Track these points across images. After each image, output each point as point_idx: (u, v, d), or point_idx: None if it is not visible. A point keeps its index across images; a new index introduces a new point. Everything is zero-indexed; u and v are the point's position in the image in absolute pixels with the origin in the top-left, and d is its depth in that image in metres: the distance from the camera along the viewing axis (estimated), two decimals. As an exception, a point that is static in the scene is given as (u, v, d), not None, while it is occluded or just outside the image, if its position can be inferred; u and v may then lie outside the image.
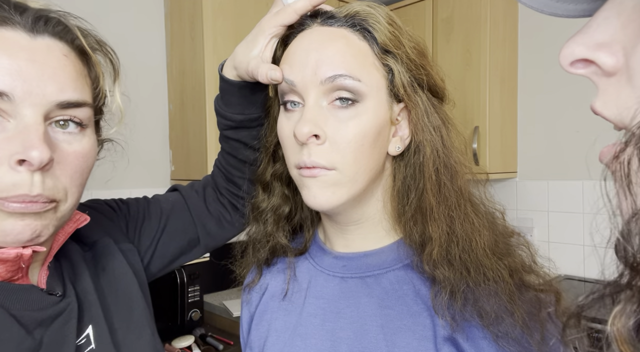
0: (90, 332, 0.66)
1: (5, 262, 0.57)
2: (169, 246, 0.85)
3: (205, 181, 0.92)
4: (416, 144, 0.62)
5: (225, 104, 0.78)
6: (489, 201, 0.65)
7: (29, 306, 0.59)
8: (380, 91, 0.60)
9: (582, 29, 0.30)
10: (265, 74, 0.62)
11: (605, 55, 0.28)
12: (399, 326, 0.61)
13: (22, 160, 0.52)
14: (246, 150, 0.81)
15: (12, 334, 0.56)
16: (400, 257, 0.65)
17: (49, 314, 0.61)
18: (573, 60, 0.30)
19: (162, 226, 0.85)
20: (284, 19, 0.64)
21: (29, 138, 0.53)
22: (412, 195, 0.62)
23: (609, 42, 0.28)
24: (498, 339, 0.56)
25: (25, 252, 0.57)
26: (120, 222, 0.81)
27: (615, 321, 0.25)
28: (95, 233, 0.75)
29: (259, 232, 0.75)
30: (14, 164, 0.52)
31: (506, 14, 2.49)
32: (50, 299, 0.62)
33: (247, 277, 0.80)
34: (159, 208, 0.86)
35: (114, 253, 0.75)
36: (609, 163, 0.29)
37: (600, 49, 0.28)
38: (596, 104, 0.30)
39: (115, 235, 0.78)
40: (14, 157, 0.52)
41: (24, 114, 0.54)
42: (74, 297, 0.65)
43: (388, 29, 0.60)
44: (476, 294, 0.58)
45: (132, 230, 0.82)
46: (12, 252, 0.56)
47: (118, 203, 0.84)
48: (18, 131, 0.53)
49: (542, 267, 0.63)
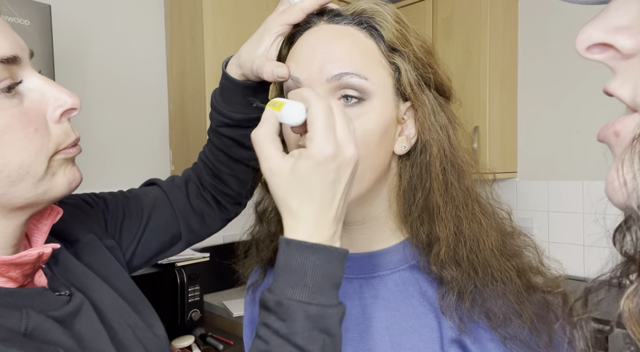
0: (113, 324, 0.65)
1: (24, 266, 0.56)
2: (150, 243, 0.83)
3: (187, 176, 0.90)
4: (423, 143, 0.61)
5: (225, 102, 0.76)
6: (495, 201, 0.65)
7: (49, 307, 0.59)
8: (386, 90, 0.59)
9: (599, 14, 0.29)
10: (271, 72, 0.62)
11: (624, 38, 0.28)
12: (404, 328, 0.61)
13: (64, 112, 0.58)
14: (239, 149, 0.80)
15: (58, 337, 0.56)
16: (406, 257, 0.65)
17: (68, 312, 0.60)
18: (590, 45, 0.29)
19: (143, 223, 0.82)
20: (290, 17, 0.63)
21: (57, 91, 0.58)
22: (419, 195, 0.62)
23: (628, 25, 0.28)
24: (506, 341, 0.56)
25: (46, 250, 0.57)
26: (98, 218, 0.78)
27: (628, 301, 0.26)
28: (76, 230, 0.73)
29: (263, 231, 0.74)
30: (58, 118, 0.58)
31: (506, 14, 2.49)
32: (62, 299, 0.61)
33: (251, 277, 0.79)
34: (139, 204, 0.84)
35: (101, 249, 0.74)
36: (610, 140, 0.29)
37: (618, 32, 0.28)
38: (612, 84, 0.29)
39: (97, 231, 0.76)
40: (57, 111, 0.57)
41: None
42: (80, 294, 0.64)
43: (395, 27, 0.59)
44: (484, 295, 0.57)
45: (111, 226, 0.80)
46: (34, 253, 0.56)
47: (93, 198, 0.81)
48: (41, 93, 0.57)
49: (549, 269, 0.63)
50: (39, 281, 0.62)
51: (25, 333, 0.53)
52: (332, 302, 0.50)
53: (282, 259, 0.51)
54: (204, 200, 0.87)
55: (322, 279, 0.50)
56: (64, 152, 0.59)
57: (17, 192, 0.54)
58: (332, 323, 0.49)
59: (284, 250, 0.51)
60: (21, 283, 0.58)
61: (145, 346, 0.68)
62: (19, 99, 0.55)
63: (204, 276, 2.02)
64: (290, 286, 0.49)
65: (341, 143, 0.50)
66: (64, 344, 0.56)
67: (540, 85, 2.51)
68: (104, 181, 2.03)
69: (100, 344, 0.61)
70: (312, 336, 0.48)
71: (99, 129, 2.07)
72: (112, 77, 2.12)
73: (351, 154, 0.50)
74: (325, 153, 0.48)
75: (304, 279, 0.49)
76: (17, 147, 0.53)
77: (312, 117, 0.50)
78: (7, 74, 0.52)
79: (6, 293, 0.55)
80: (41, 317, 0.56)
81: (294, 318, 0.48)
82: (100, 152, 2.07)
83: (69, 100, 0.58)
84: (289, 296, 0.49)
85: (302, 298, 0.49)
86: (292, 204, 0.51)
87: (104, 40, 2.09)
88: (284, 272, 0.50)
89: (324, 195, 0.50)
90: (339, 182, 0.50)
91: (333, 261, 0.51)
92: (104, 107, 2.09)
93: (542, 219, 2.53)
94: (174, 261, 1.94)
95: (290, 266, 0.50)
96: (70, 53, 1.98)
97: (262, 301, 0.51)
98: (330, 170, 0.49)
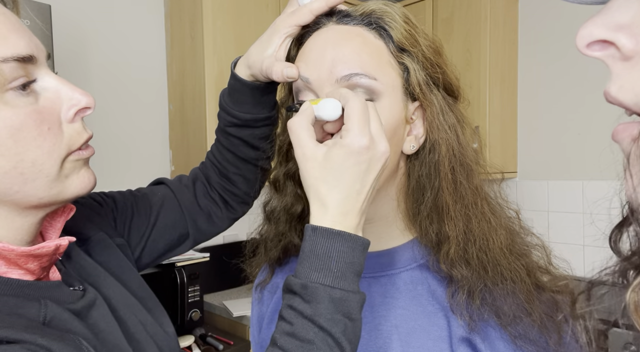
0: (125, 319, 0.66)
1: (41, 258, 0.57)
2: (158, 241, 0.84)
3: (195, 175, 0.90)
4: (431, 142, 0.62)
5: (234, 102, 0.77)
6: (503, 200, 0.65)
7: (66, 300, 0.60)
8: (395, 90, 0.59)
9: (601, 11, 0.29)
10: (280, 72, 0.62)
11: (626, 37, 0.28)
12: (413, 327, 0.61)
13: (78, 111, 0.59)
14: (246, 149, 0.80)
15: (76, 327, 0.57)
16: (415, 256, 0.65)
17: (83, 305, 0.61)
18: (590, 42, 0.29)
19: (152, 222, 0.83)
20: (299, 19, 0.63)
21: (71, 90, 0.58)
22: (428, 194, 0.62)
23: (630, 24, 0.28)
24: (516, 340, 0.56)
25: (63, 242, 0.58)
26: (108, 217, 0.79)
27: (633, 294, 0.26)
28: (87, 228, 0.74)
29: (271, 231, 0.74)
30: (72, 117, 0.58)
31: (506, 14, 2.49)
32: (76, 294, 0.62)
33: (259, 276, 0.79)
34: (147, 203, 0.84)
35: (112, 247, 0.75)
36: (626, 145, 0.29)
37: (620, 31, 0.28)
38: (611, 88, 0.29)
39: (107, 229, 0.77)
40: (71, 110, 0.58)
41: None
42: (93, 289, 0.65)
43: (404, 27, 0.59)
44: (494, 294, 0.58)
45: (120, 225, 0.80)
46: (52, 245, 0.57)
47: (103, 197, 0.82)
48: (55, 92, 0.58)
49: (557, 268, 0.63)
50: (54, 276, 0.63)
51: (45, 322, 0.55)
52: (355, 289, 0.52)
53: (308, 245, 0.52)
54: (211, 199, 0.87)
55: (346, 265, 0.52)
56: (76, 154, 0.59)
57: (31, 190, 0.55)
58: (354, 308, 0.51)
59: (310, 236, 0.53)
60: (38, 276, 0.59)
61: (156, 341, 0.68)
62: (34, 98, 0.55)
63: (204, 276, 2.02)
64: (315, 270, 0.51)
65: (375, 137, 0.52)
66: (83, 334, 0.57)
67: (540, 85, 2.51)
68: (104, 180, 2.01)
69: (115, 337, 0.62)
70: (335, 319, 0.50)
71: (98, 129, 2.06)
72: (112, 77, 2.12)
73: (384, 149, 0.52)
74: (360, 143, 0.51)
75: (329, 264, 0.51)
76: (30, 145, 0.54)
77: (350, 111, 0.52)
78: (23, 72, 0.53)
79: (25, 285, 0.56)
80: (59, 308, 0.57)
81: (318, 300, 0.50)
82: (100, 152, 2.05)
83: (83, 100, 0.59)
84: (314, 280, 0.51)
85: (326, 282, 0.51)
86: (321, 189, 0.52)
87: (104, 40, 2.08)
88: (310, 257, 0.52)
89: (354, 184, 0.52)
90: (369, 174, 0.52)
91: (357, 249, 0.52)
92: (104, 107, 2.08)
93: (542, 219, 2.53)
94: (174, 261, 1.94)
95: (316, 251, 0.52)
96: (70, 53, 1.97)
97: (287, 284, 0.53)
98: (363, 160, 0.51)
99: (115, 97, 2.13)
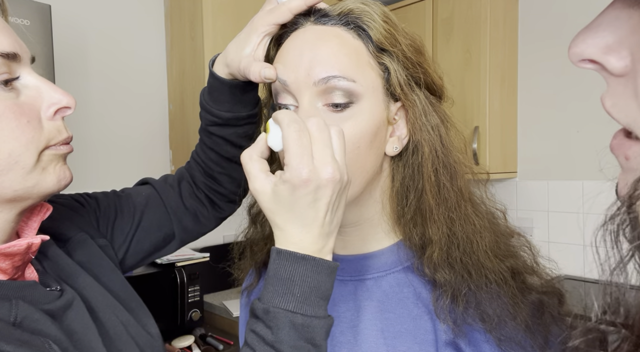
0: (104, 320, 0.66)
1: (13, 257, 0.57)
2: (143, 242, 0.83)
3: (180, 175, 0.89)
4: (414, 143, 0.60)
5: (213, 101, 0.75)
6: (489, 201, 0.64)
7: (40, 300, 0.59)
8: (376, 91, 0.58)
9: (591, 25, 0.29)
10: (258, 73, 0.61)
11: (615, 60, 0.28)
12: (399, 330, 0.60)
13: (58, 109, 0.60)
14: (230, 147, 0.79)
15: (48, 328, 0.57)
16: (400, 259, 0.64)
17: (59, 306, 0.61)
18: (582, 59, 0.30)
19: (136, 222, 0.82)
20: (278, 17, 0.62)
21: (53, 90, 0.60)
22: (411, 196, 0.61)
23: (618, 46, 0.28)
24: (501, 343, 0.55)
25: (35, 241, 0.58)
26: (90, 218, 0.78)
27: None
28: (68, 229, 0.73)
29: (257, 234, 0.74)
30: (52, 115, 0.59)
31: (506, 14, 2.48)
32: (53, 294, 0.62)
33: (246, 280, 0.79)
34: (131, 203, 0.84)
35: (93, 248, 0.74)
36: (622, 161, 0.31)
37: (609, 53, 0.28)
38: (606, 103, 0.30)
39: (89, 230, 0.76)
40: (51, 109, 0.59)
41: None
42: (71, 290, 0.64)
43: (383, 27, 0.58)
44: (478, 298, 0.57)
45: (103, 225, 0.80)
46: (24, 243, 0.57)
47: (85, 197, 0.81)
48: (37, 89, 0.59)
49: (544, 268, 0.62)
50: (30, 276, 0.62)
51: (15, 323, 0.54)
52: (319, 314, 0.51)
53: (272, 268, 0.52)
54: (197, 199, 0.87)
55: (310, 290, 0.50)
56: (54, 148, 0.60)
57: (6, 182, 0.56)
58: (318, 334, 0.50)
59: (274, 259, 0.52)
60: (11, 276, 0.59)
61: (138, 343, 0.68)
62: (15, 94, 0.56)
63: (204, 276, 2.02)
64: (278, 294, 0.50)
65: (317, 165, 0.50)
66: (53, 336, 0.56)
67: (540, 85, 2.50)
68: (104, 180, 2.04)
69: (90, 339, 0.61)
70: (297, 346, 0.49)
71: (99, 129, 2.07)
72: (112, 77, 2.12)
73: (327, 176, 0.50)
74: (300, 177, 0.49)
75: (292, 288, 0.50)
76: (8, 136, 0.55)
77: (285, 143, 0.51)
78: (6, 68, 0.55)
79: None
80: (31, 308, 0.56)
81: (279, 326, 0.49)
82: (100, 152, 2.07)
83: (63, 99, 0.60)
84: (276, 305, 0.50)
85: (288, 307, 0.50)
86: (277, 220, 0.52)
87: (104, 40, 2.09)
88: (273, 281, 0.51)
89: (305, 215, 0.51)
90: (318, 202, 0.51)
91: (321, 273, 0.51)
92: (103, 107, 2.09)
93: (541, 219, 2.52)
94: (174, 261, 1.94)
95: (280, 275, 0.51)
96: (70, 53, 1.98)
97: (251, 308, 0.52)
98: (307, 192, 0.50)
99: (115, 97, 2.13)
